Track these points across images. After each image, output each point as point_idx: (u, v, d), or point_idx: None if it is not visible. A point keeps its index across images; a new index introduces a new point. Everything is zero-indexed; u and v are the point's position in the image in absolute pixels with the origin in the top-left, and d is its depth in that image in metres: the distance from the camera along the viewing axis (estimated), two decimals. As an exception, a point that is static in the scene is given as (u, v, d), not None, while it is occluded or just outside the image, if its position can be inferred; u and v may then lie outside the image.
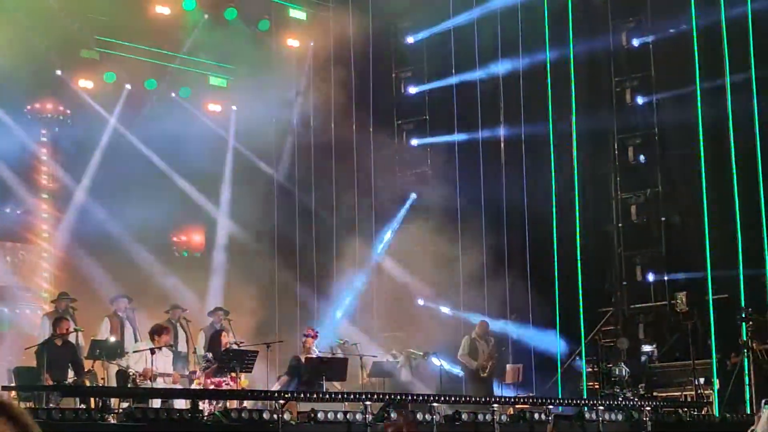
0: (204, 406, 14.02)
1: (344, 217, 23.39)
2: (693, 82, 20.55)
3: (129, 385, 14.99)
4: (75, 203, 21.91)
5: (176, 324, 18.64)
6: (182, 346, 18.54)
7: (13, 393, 14.15)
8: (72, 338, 16.37)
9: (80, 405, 14.60)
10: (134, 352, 16.06)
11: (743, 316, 18.44)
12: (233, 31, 23.39)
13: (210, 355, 15.76)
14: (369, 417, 13.47)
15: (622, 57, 22.36)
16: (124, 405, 14.02)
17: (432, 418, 13.98)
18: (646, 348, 20.48)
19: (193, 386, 15.67)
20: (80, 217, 21.88)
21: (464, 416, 14.87)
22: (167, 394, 15.17)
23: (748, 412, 17.48)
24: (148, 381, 15.38)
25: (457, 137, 23.66)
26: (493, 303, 22.17)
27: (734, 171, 19.83)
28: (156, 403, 14.98)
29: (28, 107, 21.33)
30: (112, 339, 17.11)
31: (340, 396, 14.45)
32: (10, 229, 21.51)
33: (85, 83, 22.15)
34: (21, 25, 20.51)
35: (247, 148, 24.14)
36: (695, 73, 20.52)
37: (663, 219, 21.64)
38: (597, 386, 19.03)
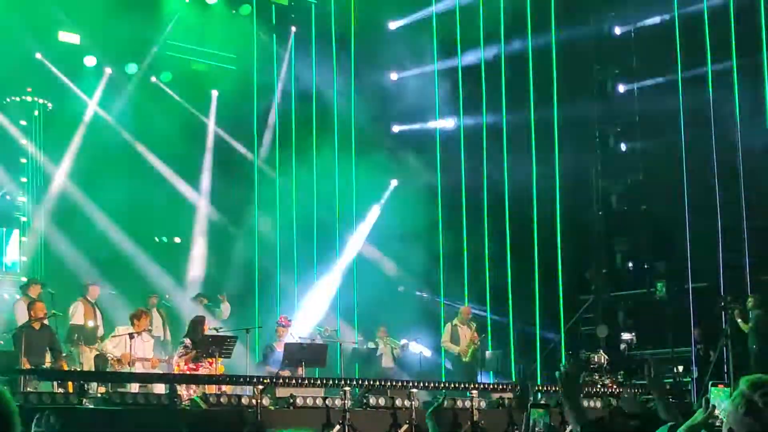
0: (182, 390, 13.99)
1: (325, 203, 23.35)
2: (674, 71, 20.58)
3: (108, 370, 14.97)
4: (54, 187, 21.79)
5: (152, 309, 18.65)
6: (159, 332, 18.54)
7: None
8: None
9: (58, 389, 14.56)
10: (113, 336, 16.04)
11: (722, 304, 18.50)
12: (215, 16, 23.29)
13: (187, 340, 15.72)
14: (348, 403, 13.46)
15: (603, 45, 22.37)
16: (103, 389, 13.99)
17: (411, 404, 13.98)
18: (625, 336, 20.54)
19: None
20: (59, 201, 21.77)
21: (443, 402, 14.87)
22: (145, 379, 15.14)
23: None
24: (127, 365, 15.37)
25: (439, 124, 23.68)
26: (473, 290, 22.24)
27: (715, 160, 19.87)
28: (135, 387, 14.96)
29: (7, 91, 21.19)
30: (90, 324, 17.07)
31: (319, 382, 14.44)
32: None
33: (64, 67, 22.00)
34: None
35: (228, 133, 24.07)
36: (677, 61, 20.56)
37: (643, 207, 21.69)
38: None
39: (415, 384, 14.55)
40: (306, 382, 14.36)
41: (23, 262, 21.48)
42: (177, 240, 23.77)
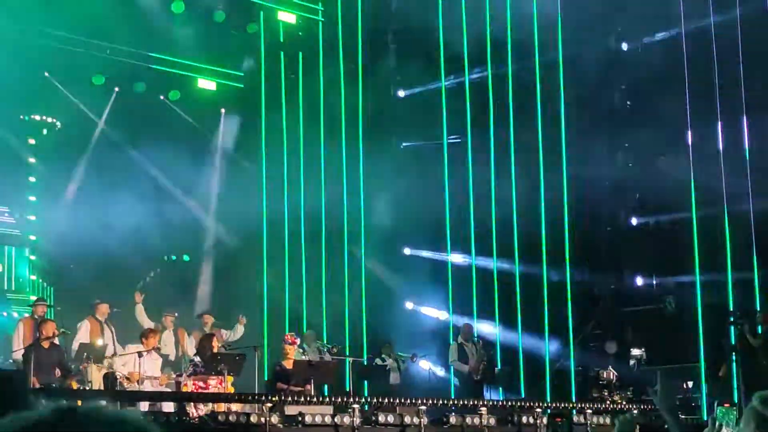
0: (191, 409, 13.99)
1: (334, 219, 23.36)
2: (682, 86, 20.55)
3: (117, 388, 14.98)
4: (63, 206, 21.83)
5: (168, 328, 18.67)
6: (170, 350, 18.55)
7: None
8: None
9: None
10: (122, 355, 16.06)
11: (731, 319, 18.43)
12: (222, 34, 23.37)
13: (197, 359, 15.72)
14: (357, 420, 13.45)
15: (611, 62, 22.35)
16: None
17: (420, 421, 13.96)
18: (635, 352, 20.46)
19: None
20: (68, 220, 21.80)
21: (452, 419, 14.86)
22: (154, 397, 15.15)
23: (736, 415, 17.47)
24: (135, 384, 15.38)
25: (447, 140, 23.68)
26: (482, 306, 22.20)
27: (723, 173, 19.83)
28: (144, 405, 14.96)
29: (17, 110, 21.28)
30: (99, 342, 17.09)
31: (327, 399, 14.42)
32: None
33: (72, 86, 22.08)
34: (9, 27, 20.50)
35: (236, 151, 24.11)
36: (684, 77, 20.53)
37: (652, 222, 21.65)
38: None
39: (424, 401, 14.53)
40: (315, 399, 14.34)
41: (32, 280, 21.52)
42: (186, 258, 23.80)
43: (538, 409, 15.36)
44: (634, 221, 22.02)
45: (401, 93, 24.91)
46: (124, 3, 21.54)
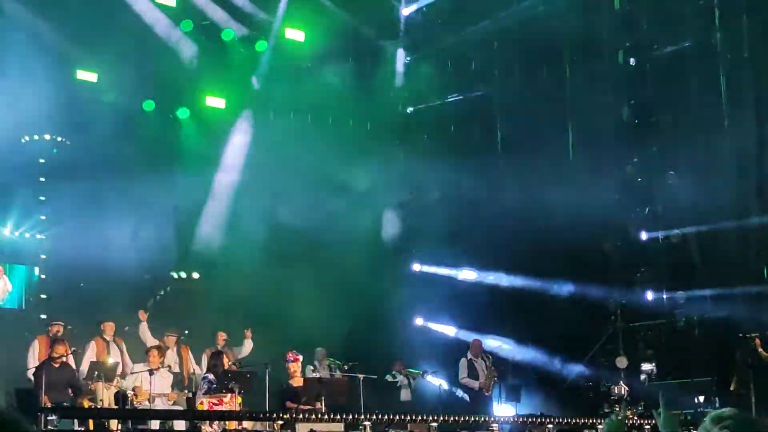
0: (205, 427, 13.99)
1: (342, 237, 23.35)
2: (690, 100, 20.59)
3: (127, 407, 15.00)
4: (72, 225, 21.84)
5: (171, 348, 18.66)
6: (176, 369, 18.54)
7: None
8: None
9: (79, 427, 14.58)
10: (132, 373, 16.08)
11: (742, 334, 18.40)
12: (230, 52, 23.43)
13: (211, 375, 15.73)
14: (368, 437, 13.43)
15: (619, 76, 22.38)
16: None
17: (431, 438, 13.96)
18: (646, 366, 20.44)
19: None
20: (77, 238, 21.80)
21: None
22: (166, 415, 15.16)
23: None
24: (146, 402, 15.40)
25: (456, 155, 23.71)
26: (492, 322, 22.18)
27: (735, 188, 19.82)
28: (155, 423, 14.98)
29: (26, 130, 21.33)
30: (110, 361, 17.10)
31: (338, 417, 14.41)
32: (7, 251, 21.47)
33: (82, 105, 22.13)
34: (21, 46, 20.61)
35: (245, 169, 24.12)
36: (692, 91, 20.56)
37: (662, 237, 21.63)
38: None
39: (435, 417, 14.52)
40: (326, 417, 14.33)
41: (42, 299, 21.53)
42: (195, 276, 23.78)
43: (550, 425, 15.33)
44: (644, 236, 22.00)
45: (410, 108, 24.98)
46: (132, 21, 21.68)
